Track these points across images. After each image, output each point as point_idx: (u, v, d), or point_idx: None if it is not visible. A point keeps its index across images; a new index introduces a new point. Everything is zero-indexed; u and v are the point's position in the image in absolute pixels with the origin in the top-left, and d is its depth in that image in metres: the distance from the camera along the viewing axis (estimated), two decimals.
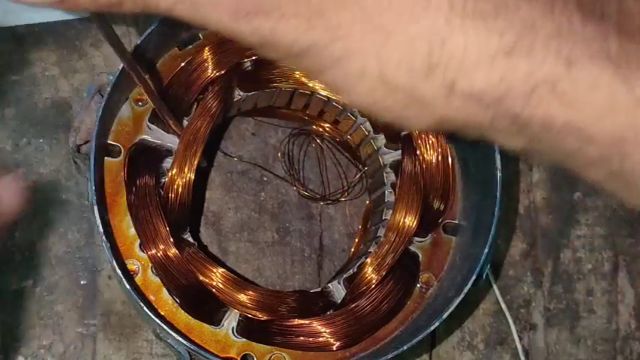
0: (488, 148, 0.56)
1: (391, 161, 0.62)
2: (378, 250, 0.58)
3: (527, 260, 0.70)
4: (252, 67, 0.60)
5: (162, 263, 0.56)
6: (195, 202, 0.63)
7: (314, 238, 0.67)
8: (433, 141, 0.61)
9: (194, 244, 0.58)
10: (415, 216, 0.59)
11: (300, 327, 0.57)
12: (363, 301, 0.58)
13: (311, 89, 0.60)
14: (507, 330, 0.68)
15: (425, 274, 0.60)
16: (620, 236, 0.71)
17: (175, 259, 0.56)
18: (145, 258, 0.56)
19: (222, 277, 0.57)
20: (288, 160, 0.67)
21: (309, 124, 0.67)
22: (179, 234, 0.57)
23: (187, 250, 0.57)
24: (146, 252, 0.56)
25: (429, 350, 0.66)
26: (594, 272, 0.70)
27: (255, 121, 0.67)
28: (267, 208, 0.66)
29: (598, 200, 0.71)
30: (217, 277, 0.57)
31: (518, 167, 0.71)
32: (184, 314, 0.55)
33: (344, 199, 0.67)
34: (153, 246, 0.56)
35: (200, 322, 0.55)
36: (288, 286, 0.65)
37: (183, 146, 0.57)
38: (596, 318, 0.69)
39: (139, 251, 0.56)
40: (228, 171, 0.67)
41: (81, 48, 0.66)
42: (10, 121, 0.64)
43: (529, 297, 0.69)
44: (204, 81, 0.58)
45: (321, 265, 0.66)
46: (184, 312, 0.55)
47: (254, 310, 0.57)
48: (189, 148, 0.57)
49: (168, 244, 0.56)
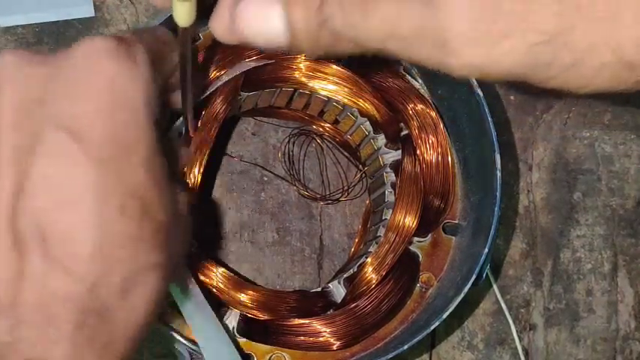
0: (488, 147, 0.56)
1: (391, 161, 0.62)
2: (378, 250, 0.58)
3: (527, 260, 0.70)
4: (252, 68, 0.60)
5: None
6: (196, 202, 0.63)
7: (314, 238, 0.67)
8: (433, 141, 0.61)
9: (194, 243, 0.58)
10: (415, 216, 0.59)
11: (300, 327, 0.57)
12: (363, 300, 0.58)
13: (311, 89, 0.60)
14: (507, 330, 0.68)
15: (425, 274, 0.60)
16: (620, 236, 0.71)
17: None
18: None
19: (222, 277, 0.57)
20: (288, 160, 0.67)
21: (309, 124, 0.67)
22: None
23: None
24: None
25: (429, 350, 0.67)
26: (594, 272, 0.70)
27: (255, 121, 0.67)
28: (267, 207, 0.66)
29: (598, 200, 0.71)
30: (217, 277, 0.57)
31: (518, 167, 0.71)
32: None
33: (344, 199, 0.67)
34: None
35: None
36: (288, 285, 0.65)
37: (194, 149, 0.57)
38: (596, 318, 0.70)
39: None
40: (228, 171, 0.67)
41: None
42: None
43: (529, 297, 0.69)
44: (204, 81, 0.58)
45: (321, 264, 0.66)
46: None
47: (254, 310, 0.57)
48: (199, 151, 0.57)
49: None
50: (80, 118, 0.35)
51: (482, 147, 0.58)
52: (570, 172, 0.72)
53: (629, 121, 0.73)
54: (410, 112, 0.61)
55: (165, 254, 0.37)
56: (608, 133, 0.73)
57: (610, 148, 0.73)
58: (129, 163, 0.36)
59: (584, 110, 0.73)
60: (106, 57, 0.37)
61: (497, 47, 0.31)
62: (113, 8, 0.67)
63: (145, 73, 0.38)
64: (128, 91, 0.37)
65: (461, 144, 0.61)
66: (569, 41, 0.31)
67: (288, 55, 0.59)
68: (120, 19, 0.67)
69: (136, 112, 0.37)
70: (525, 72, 0.33)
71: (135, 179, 0.36)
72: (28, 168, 0.35)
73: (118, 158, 0.36)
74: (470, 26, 0.31)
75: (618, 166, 0.72)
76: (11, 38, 0.65)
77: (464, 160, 0.61)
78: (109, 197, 0.35)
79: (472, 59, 0.32)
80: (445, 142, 0.61)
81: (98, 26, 0.66)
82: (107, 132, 0.35)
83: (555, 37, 0.31)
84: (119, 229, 0.35)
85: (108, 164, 0.35)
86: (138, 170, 0.36)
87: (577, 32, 0.31)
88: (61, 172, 0.35)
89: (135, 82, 0.37)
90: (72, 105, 0.35)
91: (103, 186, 0.35)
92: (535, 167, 0.71)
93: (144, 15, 0.67)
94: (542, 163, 0.72)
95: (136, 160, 0.36)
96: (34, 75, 0.36)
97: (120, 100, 0.36)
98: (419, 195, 0.59)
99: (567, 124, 0.73)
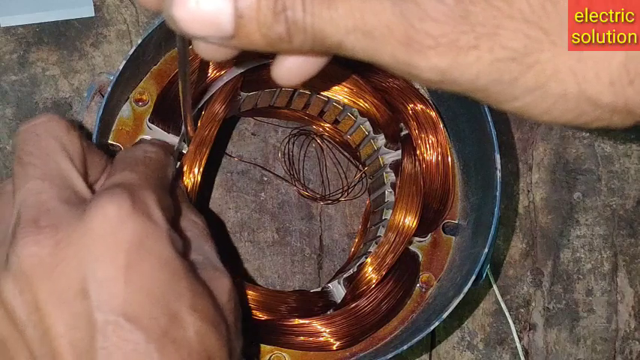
0: (488, 147, 0.56)
1: (391, 161, 0.62)
2: (378, 250, 0.58)
3: (527, 260, 0.70)
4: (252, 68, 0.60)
5: None
6: (196, 202, 0.63)
7: (314, 238, 0.67)
8: (433, 141, 0.61)
9: None
10: (415, 216, 0.59)
11: (300, 327, 0.57)
12: (363, 300, 0.58)
13: (311, 89, 0.60)
14: (507, 330, 0.68)
15: (425, 274, 0.60)
16: (620, 236, 0.71)
17: None
18: None
19: None
20: (288, 160, 0.67)
21: (309, 124, 0.67)
22: None
23: None
24: None
25: (428, 350, 0.67)
26: (594, 272, 0.70)
27: (255, 121, 0.67)
28: (267, 208, 0.67)
29: (598, 200, 0.72)
30: None
31: (518, 167, 0.71)
32: None
33: (344, 199, 0.67)
34: None
35: None
36: (288, 285, 0.65)
37: (194, 148, 0.57)
38: (596, 318, 0.70)
39: None
40: (228, 171, 0.67)
41: (81, 48, 0.66)
42: (11, 121, 0.64)
43: (529, 297, 0.69)
44: (204, 81, 0.58)
45: (321, 264, 0.66)
46: None
47: (254, 310, 0.57)
48: (199, 151, 0.57)
49: None
50: (126, 299, 0.35)
51: (482, 147, 0.58)
52: (570, 172, 0.72)
53: None
54: (410, 112, 0.61)
55: None
56: (608, 133, 0.73)
57: (610, 148, 0.73)
58: (182, 324, 0.36)
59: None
60: (127, 227, 0.36)
61: (464, 55, 0.31)
62: (113, 8, 0.67)
63: (162, 222, 0.37)
64: (157, 251, 0.36)
65: (461, 144, 0.61)
66: (535, 64, 0.31)
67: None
68: (120, 19, 0.67)
69: (168, 266, 0.37)
70: (489, 86, 0.32)
71: (192, 335, 0.36)
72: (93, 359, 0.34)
73: (171, 326, 0.36)
74: (441, 31, 0.31)
75: (618, 166, 0.72)
76: (11, 38, 0.65)
77: (464, 160, 0.61)
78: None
79: (438, 62, 0.31)
80: (445, 142, 0.61)
81: (98, 26, 0.66)
82: (154, 304, 0.35)
83: (522, 57, 0.31)
84: None
85: (165, 336, 0.35)
86: (191, 325, 0.36)
87: (544, 57, 0.31)
88: (125, 357, 0.34)
89: (159, 240, 0.37)
90: (113, 288, 0.35)
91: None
92: (535, 167, 0.71)
93: (144, 15, 0.67)
94: (542, 163, 0.72)
95: (185, 314, 0.36)
96: (66, 268, 0.35)
97: (153, 263, 0.36)
98: (419, 195, 0.59)
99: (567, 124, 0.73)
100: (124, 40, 0.67)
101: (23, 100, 0.65)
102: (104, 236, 0.35)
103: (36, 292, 0.35)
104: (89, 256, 0.35)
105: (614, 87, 0.31)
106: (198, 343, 0.36)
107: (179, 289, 0.37)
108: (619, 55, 0.31)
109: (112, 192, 0.36)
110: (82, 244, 0.35)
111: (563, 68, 0.31)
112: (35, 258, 0.35)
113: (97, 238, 0.35)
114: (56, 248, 0.35)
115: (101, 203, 0.36)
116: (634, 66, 0.31)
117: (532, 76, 0.31)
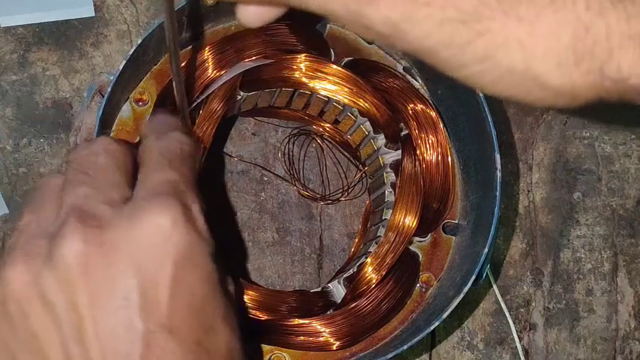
0: (488, 147, 0.56)
1: (391, 161, 0.62)
2: (378, 250, 0.58)
3: (527, 260, 0.70)
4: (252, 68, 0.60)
5: None
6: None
7: (314, 238, 0.67)
8: (433, 141, 0.61)
9: None
10: (415, 216, 0.59)
11: (300, 327, 0.57)
12: (363, 300, 0.58)
13: (311, 89, 0.60)
14: (507, 330, 0.68)
15: (425, 274, 0.60)
16: (620, 236, 0.71)
17: None
18: None
19: None
20: (288, 160, 0.67)
21: (309, 124, 0.67)
22: None
23: None
24: None
25: (429, 350, 0.67)
26: (594, 272, 0.70)
27: (255, 121, 0.67)
28: (267, 207, 0.67)
29: (598, 200, 0.72)
30: None
31: (518, 167, 0.71)
32: None
33: (344, 199, 0.67)
34: None
35: None
36: (289, 285, 0.65)
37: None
38: (596, 318, 0.70)
39: None
40: (228, 171, 0.67)
41: (81, 48, 0.66)
42: (11, 120, 0.64)
43: (529, 297, 0.69)
44: (204, 81, 0.58)
45: (321, 264, 0.66)
46: None
47: (254, 310, 0.57)
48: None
49: None
50: (169, 309, 0.35)
51: (482, 147, 0.58)
52: (570, 172, 0.72)
53: (629, 121, 0.73)
54: (410, 112, 0.61)
55: None
56: (608, 133, 0.73)
57: (610, 148, 0.73)
58: (216, 336, 0.36)
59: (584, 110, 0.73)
60: (179, 238, 0.35)
61: (417, 10, 0.31)
62: (113, 8, 0.67)
63: (206, 233, 0.37)
64: (202, 263, 0.36)
65: (461, 144, 0.61)
66: (485, 32, 0.31)
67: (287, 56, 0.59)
68: (120, 19, 0.67)
69: (210, 278, 0.37)
70: (438, 48, 0.32)
71: (224, 347, 0.37)
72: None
73: (207, 337, 0.36)
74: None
75: (618, 166, 0.72)
76: (11, 38, 0.65)
77: (464, 160, 0.61)
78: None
79: (389, 14, 0.31)
80: (445, 142, 0.61)
81: (98, 26, 0.66)
82: (193, 315, 0.35)
83: (473, 22, 0.31)
84: None
85: (201, 347, 0.35)
86: (224, 337, 0.37)
87: (495, 26, 0.31)
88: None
89: (204, 252, 0.37)
90: (158, 297, 0.35)
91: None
92: (535, 167, 0.71)
93: (144, 15, 0.67)
94: (542, 163, 0.72)
95: (219, 326, 0.37)
96: (112, 272, 0.34)
97: (197, 275, 0.36)
98: (419, 195, 0.59)
99: (567, 124, 0.73)
100: (124, 40, 0.67)
101: (23, 100, 0.65)
102: (154, 246, 0.35)
103: (77, 291, 0.34)
104: (137, 263, 0.35)
105: (561, 68, 0.31)
106: (227, 352, 0.37)
107: (216, 302, 0.37)
108: (567, 35, 0.31)
109: (162, 199, 0.36)
110: (130, 251, 0.35)
111: (513, 40, 0.31)
112: (81, 256, 0.34)
113: (147, 248, 0.35)
114: (102, 249, 0.35)
115: (154, 211, 0.35)
116: (581, 46, 0.31)
117: (481, 44, 0.32)
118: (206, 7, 0.56)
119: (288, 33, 0.60)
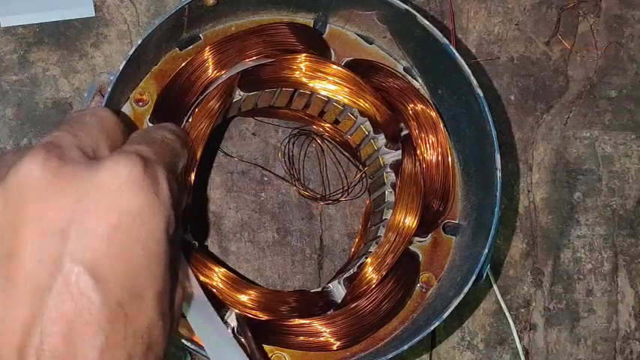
0: (488, 147, 0.56)
1: (391, 161, 0.62)
2: (378, 250, 0.58)
3: (527, 260, 0.70)
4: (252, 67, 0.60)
5: None
6: (196, 202, 0.63)
7: (314, 238, 0.67)
8: (433, 141, 0.61)
9: (194, 244, 0.58)
10: (415, 216, 0.59)
11: (301, 327, 0.57)
12: (363, 300, 0.58)
13: (311, 89, 0.60)
14: (507, 330, 0.68)
15: (425, 274, 0.60)
16: (620, 236, 0.71)
17: None
18: None
19: (222, 277, 0.57)
20: (288, 160, 0.67)
21: (309, 124, 0.67)
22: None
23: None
24: None
25: (429, 350, 0.67)
26: (594, 272, 0.70)
27: (255, 121, 0.67)
28: (267, 208, 0.67)
29: (598, 200, 0.72)
30: (218, 277, 0.57)
31: (518, 167, 0.71)
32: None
33: (344, 199, 0.67)
34: None
35: None
36: (289, 286, 0.65)
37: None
38: (596, 318, 0.70)
39: None
40: (228, 171, 0.67)
41: (81, 48, 0.66)
42: (11, 121, 0.64)
43: (529, 297, 0.69)
44: (204, 81, 0.58)
45: (322, 265, 0.66)
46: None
47: (254, 310, 0.57)
48: (193, 149, 0.57)
49: None
50: (102, 258, 0.35)
51: (482, 147, 0.58)
52: (570, 172, 0.72)
53: (629, 121, 0.73)
54: (410, 112, 0.61)
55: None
56: (608, 133, 0.73)
57: (610, 148, 0.73)
58: (140, 306, 0.36)
59: (585, 110, 0.73)
60: (132, 190, 0.36)
61: None
62: (113, 8, 0.67)
63: (166, 202, 0.37)
64: (151, 226, 0.36)
65: (461, 144, 0.61)
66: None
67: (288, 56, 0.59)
68: (120, 19, 0.67)
69: (156, 245, 0.36)
70: None
71: (144, 320, 0.36)
72: (44, 299, 0.34)
73: (131, 302, 0.35)
74: None
75: (618, 166, 0.72)
76: (11, 38, 0.65)
77: (464, 160, 0.61)
78: (118, 346, 0.35)
79: None
80: (445, 142, 0.61)
81: (98, 26, 0.66)
82: (125, 274, 0.35)
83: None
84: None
85: (121, 309, 0.35)
86: (148, 311, 0.36)
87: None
88: (75, 311, 0.34)
89: (157, 216, 0.36)
90: (95, 242, 0.35)
91: (113, 333, 0.35)
92: (535, 167, 0.71)
93: (144, 15, 0.67)
94: (543, 163, 0.72)
95: (148, 298, 0.36)
96: (59, 203, 0.35)
97: (142, 236, 0.36)
98: (419, 195, 0.59)
99: (567, 124, 0.73)
100: (124, 40, 0.67)
101: (23, 100, 0.65)
102: (106, 190, 0.35)
103: (19, 212, 0.35)
104: (85, 203, 0.35)
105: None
106: (146, 329, 0.36)
107: (155, 273, 0.36)
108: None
109: (129, 156, 0.36)
110: (83, 189, 0.35)
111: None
112: (34, 179, 0.35)
113: (99, 190, 0.35)
114: (57, 179, 0.35)
115: (116, 160, 0.36)
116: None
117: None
118: (206, 7, 0.56)
119: (288, 33, 0.60)
